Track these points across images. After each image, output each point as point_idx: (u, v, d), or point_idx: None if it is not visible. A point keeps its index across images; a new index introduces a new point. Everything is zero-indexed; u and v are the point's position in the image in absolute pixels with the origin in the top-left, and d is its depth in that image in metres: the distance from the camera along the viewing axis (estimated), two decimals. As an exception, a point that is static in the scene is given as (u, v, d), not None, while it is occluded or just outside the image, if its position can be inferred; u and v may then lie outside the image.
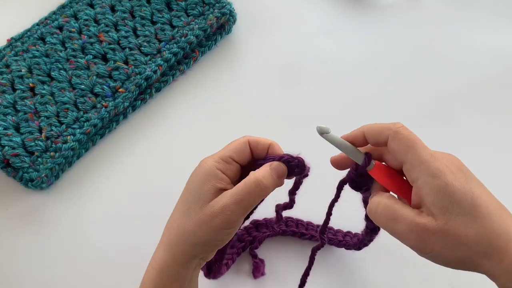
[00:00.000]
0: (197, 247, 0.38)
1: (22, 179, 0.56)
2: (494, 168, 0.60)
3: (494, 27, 0.69)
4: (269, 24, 0.68)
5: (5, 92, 0.59)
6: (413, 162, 0.35)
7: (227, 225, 0.37)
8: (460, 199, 0.33)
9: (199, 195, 0.39)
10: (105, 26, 0.63)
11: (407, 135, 0.36)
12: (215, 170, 0.39)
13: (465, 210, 0.33)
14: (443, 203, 0.33)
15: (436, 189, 0.34)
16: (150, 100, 0.63)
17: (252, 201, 0.38)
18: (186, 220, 0.39)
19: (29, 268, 0.54)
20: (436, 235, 0.33)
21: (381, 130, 0.37)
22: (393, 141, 0.36)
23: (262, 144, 0.40)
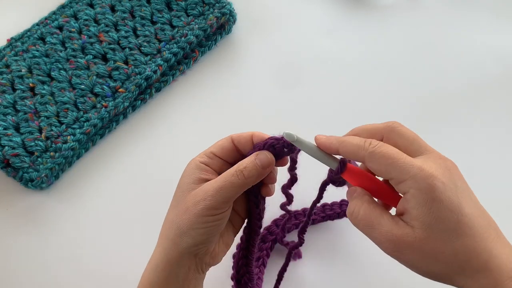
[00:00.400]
0: (184, 237, 0.38)
1: (22, 179, 0.56)
2: (494, 168, 0.60)
3: (494, 27, 0.69)
4: (269, 24, 0.68)
5: (5, 92, 0.59)
6: (398, 178, 0.34)
7: (209, 211, 0.38)
8: (445, 216, 0.32)
9: (184, 187, 0.40)
10: (105, 26, 0.63)
11: (385, 152, 0.34)
12: (198, 163, 0.40)
13: (448, 227, 0.32)
14: (427, 219, 0.33)
15: (422, 204, 0.33)
16: (150, 100, 0.63)
17: (234, 190, 0.38)
18: (173, 211, 0.40)
19: (29, 268, 0.54)
20: (413, 248, 0.33)
21: (356, 151, 0.36)
22: (371, 163, 0.35)
23: (245, 137, 0.41)
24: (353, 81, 0.65)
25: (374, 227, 0.35)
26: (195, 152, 0.59)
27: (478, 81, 0.65)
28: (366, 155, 0.35)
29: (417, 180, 0.33)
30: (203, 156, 0.41)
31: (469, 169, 0.59)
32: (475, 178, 0.58)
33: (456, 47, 0.67)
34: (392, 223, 0.34)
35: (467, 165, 0.59)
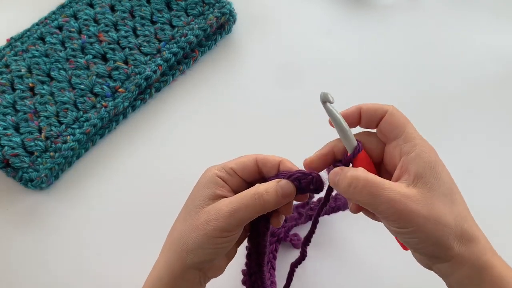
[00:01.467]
0: (191, 254, 0.37)
1: (21, 179, 0.56)
2: (494, 168, 0.60)
3: (494, 27, 0.69)
4: (269, 24, 0.68)
5: (4, 92, 0.59)
6: (409, 136, 0.36)
7: (220, 233, 0.36)
8: (445, 180, 0.35)
9: (197, 200, 0.38)
10: (105, 26, 0.63)
11: (403, 115, 0.38)
12: (215, 178, 0.38)
13: (447, 191, 0.35)
14: (431, 178, 0.34)
15: (428, 163, 0.35)
16: (150, 100, 0.63)
17: (249, 214, 0.37)
18: (182, 225, 0.38)
19: (28, 268, 0.54)
20: (418, 211, 0.33)
21: (379, 107, 0.38)
22: (392, 116, 0.37)
23: (271, 161, 0.39)
24: (353, 81, 0.65)
25: (378, 192, 0.34)
26: (195, 152, 0.59)
27: (478, 81, 0.65)
28: (390, 109, 0.37)
29: (423, 144, 0.36)
30: (221, 170, 0.39)
31: (469, 169, 0.59)
32: (475, 178, 0.59)
33: (456, 47, 0.67)
34: (395, 185, 0.34)
35: (467, 165, 0.59)
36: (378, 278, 0.54)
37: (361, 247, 0.55)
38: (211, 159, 0.43)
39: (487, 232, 0.37)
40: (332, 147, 0.39)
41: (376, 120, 0.38)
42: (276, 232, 0.54)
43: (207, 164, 0.41)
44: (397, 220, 0.34)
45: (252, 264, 0.43)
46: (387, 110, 0.37)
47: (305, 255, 0.44)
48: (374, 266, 0.54)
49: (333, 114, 0.37)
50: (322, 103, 0.37)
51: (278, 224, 0.41)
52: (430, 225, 0.33)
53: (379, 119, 0.38)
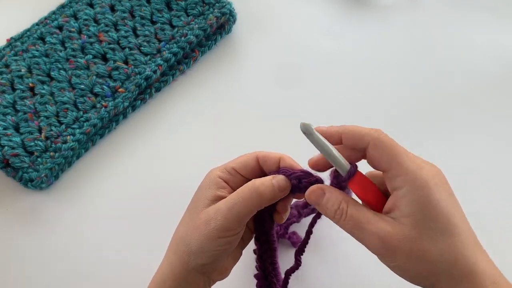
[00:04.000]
0: (192, 256, 0.37)
1: (21, 179, 0.56)
2: (494, 168, 0.60)
3: (494, 27, 0.69)
4: (269, 24, 0.68)
5: (4, 92, 0.59)
6: (397, 171, 0.33)
7: (221, 233, 0.36)
8: (437, 214, 0.33)
9: (199, 203, 0.38)
10: (104, 26, 0.63)
11: (390, 143, 0.34)
12: (217, 179, 0.38)
13: (438, 226, 0.33)
14: (418, 216, 0.33)
15: (417, 201, 0.33)
16: (150, 100, 0.63)
17: (246, 208, 0.36)
18: (184, 227, 0.38)
19: (28, 268, 0.54)
20: (402, 247, 0.33)
21: (361, 136, 0.35)
22: (374, 149, 0.34)
23: (272, 158, 0.39)
24: (353, 81, 0.65)
25: (363, 226, 0.34)
26: (195, 151, 0.59)
27: (478, 81, 0.65)
28: (372, 140, 0.34)
29: (415, 177, 0.33)
30: (223, 171, 0.39)
31: (468, 169, 0.59)
32: (474, 178, 0.59)
33: (456, 47, 0.67)
34: (381, 221, 0.34)
35: (467, 164, 0.59)
36: (376, 281, 0.54)
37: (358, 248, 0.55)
38: (211, 159, 0.43)
39: (487, 231, 0.37)
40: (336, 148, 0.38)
41: (360, 150, 0.36)
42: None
43: (207, 164, 0.41)
44: (380, 254, 0.34)
45: (265, 264, 0.43)
46: (368, 142, 0.34)
47: (299, 264, 0.43)
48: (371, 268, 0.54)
49: (319, 143, 0.36)
50: (305, 135, 0.36)
51: (281, 220, 0.41)
52: (412, 262, 0.33)
53: (363, 150, 0.35)
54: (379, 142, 0.34)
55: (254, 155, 0.39)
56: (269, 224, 0.41)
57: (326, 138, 0.36)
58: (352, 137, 0.36)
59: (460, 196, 0.58)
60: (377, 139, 0.34)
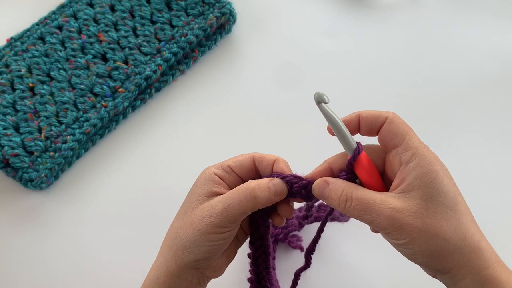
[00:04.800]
0: (186, 251, 0.37)
1: (21, 179, 0.56)
2: (494, 168, 0.60)
3: (494, 27, 0.69)
4: (269, 24, 0.68)
5: (4, 92, 0.59)
6: (408, 145, 0.35)
7: (214, 229, 0.36)
8: (446, 190, 0.34)
9: (194, 198, 0.38)
10: (104, 26, 0.63)
11: (404, 122, 0.36)
12: (212, 175, 0.39)
13: (447, 201, 0.33)
14: (428, 190, 0.33)
15: (427, 174, 0.33)
16: (150, 100, 0.63)
17: (241, 209, 0.37)
18: (178, 222, 0.38)
19: (28, 267, 0.54)
20: (413, 222, 0.33)
21: (379, 114, 0.37)
22: (391, 124, 0.36)
23: (267, 160, 0.39)
24: (353, 80, 0.65)
25: (371, 207, 0.34)
26: (195, 151, 0.59)
27: (478, 80, 0.65)
28: (390, 116, 0.36)
29: (425, 153, 0.34)
30: (219, 168, 0.39)
31: (468, 169, 0.59)
32: (474, 178, 0.59)
33: (456, 47, 0.67)
34: (389, 198, 0.34)
35: (467, 164, 0.59)
36: (378, 283, 0.54)
37: (362, 252, 0.55)
38: (211, 159, 0.43)
39: (487, 230, 0.37)
40: (329, 164, 0.38)
41: (376, 128, 0.37)
42: (273, 233, 0.54)
43: (207, 164, 0.41)
44: (391, 232, 0.34)
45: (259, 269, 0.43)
46: (386, 117, 0.36)
47: (309, 263, 0.43)
48: (373, 271, 0.54)
49: (329, 115, 0.36)
50: (317, 104, 0.36)
51: (281, 223, 0.41)
52: (424, 238, 0.33)
53: (379, 127, 0.37)
54: (396, 119, 0.36)
55: (251, 155, 0.39)
56: (264, 228, 0.41)
57: (345, 121, 0.37)
58: (371, 115, 0.37)
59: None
60: (394, 117, 0.36)
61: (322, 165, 0.39)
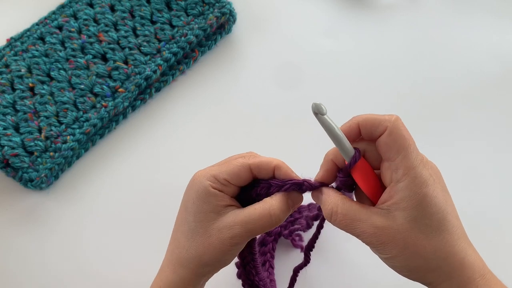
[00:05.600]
0: (207, 267, 0.38)
1: (21, 179, 0.56)
2: (494, 168, 0.60)
3: (494, 27, 0.69)
4: (269, 24, 0.68)
5: (4, 92, 0.59)
6: (401, 163, 0.34)
7: (236, 247, 0.37)
8: (432, 212, 0.33)
9: (201, 216, 0.37)
10: (104, 26, 0.63)
11: (404, 134, 0.34)
12: (211, 190, 0.37)
13: (432, 223, 0.33)
14: (414, 212, 0.33)
15: (414, 197, 0.33)
16: (150, 100, 0.63)
17: (263, 230, 0.38)
18: (192, 243, 0.38)
19: (28, 267, 0.54)
20: (395, 240, 0.34)
21: (379, 122, 0.35)
22: (389, 136, 0.34)
23: (266, 167, 0.38)
24: (353, 80, 0.65)
25: (355, 223, 0.35)
26: (195, 151, 0.59)
27: (478, 81, 0.65)
28: (390, 127, 0.34)
29: (416, 173, 0.33)
30: (215, 181, 0.38)
31: (468, 169, 0.59)
32: (474, 178, 0.59)
33: (456, 47, 0.67)
34: (373, 215, 0.34)
35: (467, 164, 0.59)
36: (378, 280, 0.54)
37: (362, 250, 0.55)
38: (211, 159, 0.43)
39: (487, 231, 0.37)
40: (331, 160, 0.38)
41: (376, 137, 0.36)
42: (273, 232, 0.54)
43: (207, 163, 0.41)
44: (375, 247, 0.35)
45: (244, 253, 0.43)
46: (386, 127, 0.35)
47: (308, 260, 0.44)
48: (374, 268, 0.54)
49: (326, 124, 0.36)
50: (314, 115, 0.36)
51: None
52: (405, 255, 0.34)
53: (378, 136, 0.35)
54: (395, 130, 0.34)
55: (246, 165, 0.38)
56: None
57: (344, 130, 0.36)
58: (371, 123, 0.35)
59: (460, 196, 0.58)
60: (394, 127, 0.34)
61: (324, 165, 0.38)
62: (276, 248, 0.55)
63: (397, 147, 0.34)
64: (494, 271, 0.36)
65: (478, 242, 0.37)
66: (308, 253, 0.43)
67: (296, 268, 0.45)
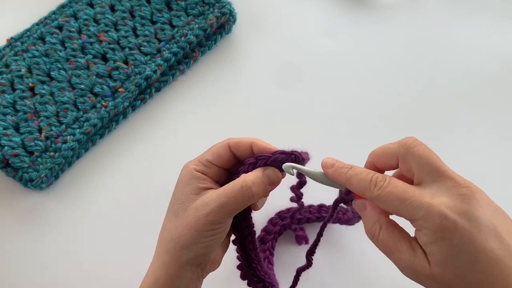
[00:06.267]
0: (186, 251, 0.37)
1: (21, 179, 0.56)
2: (494, 168, 0.60)
3: (494, 27, 0.69)
4: (269, 24, 0.68)
5: (4, 92, 0.59)
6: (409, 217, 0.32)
7: (211, 227, 0.37)
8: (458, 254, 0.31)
9: (182, 198, 0.38)
10: (104, 26, 0.63)
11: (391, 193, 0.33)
12: (194, 172, 0.38)
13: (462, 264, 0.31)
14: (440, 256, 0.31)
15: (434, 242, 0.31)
16: (150, 100, 0.63)
17: (238, 206, 0.37)
18: (172, 224, 0.38)
19: (28, 268, 0.54)
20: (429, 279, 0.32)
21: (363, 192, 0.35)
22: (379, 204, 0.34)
23: (243, 144, 0.39)
24: (353, 80, 0.65)
25: (394, 253, 0.34)
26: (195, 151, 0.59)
27: (478, 81, 0.65)
28: (373, 197, 0.34)
29: (427, 220, 0.31)
30: (198, 164, 0.39)
31: (468, 169, 0.59)
32: (474, 178, 0.59)
33: (456, 47, 0.67)
34: (410, 252, 0.33)
35: (467, 164, 0.59)
36: (381, 282, 0.54)
37: (364, 251, 0.55)
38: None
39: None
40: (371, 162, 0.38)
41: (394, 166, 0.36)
42: (272, 230, 0.54)
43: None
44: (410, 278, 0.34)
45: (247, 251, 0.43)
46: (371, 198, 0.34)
47: (310, 264, 0.44)
48: (376, 270, 0.54)
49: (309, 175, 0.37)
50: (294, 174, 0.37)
51: (256, 208, 0.41)
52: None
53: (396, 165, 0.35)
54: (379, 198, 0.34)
55: (225, 143, 0.39)
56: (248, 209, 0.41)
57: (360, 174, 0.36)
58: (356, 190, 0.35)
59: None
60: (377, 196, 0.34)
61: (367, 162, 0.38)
62: (276, 247, 0.55)
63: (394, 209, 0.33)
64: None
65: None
66: (310, 257, 0.43)
67: (299, 269, 0.45)
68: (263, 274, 0.44)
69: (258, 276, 0.44)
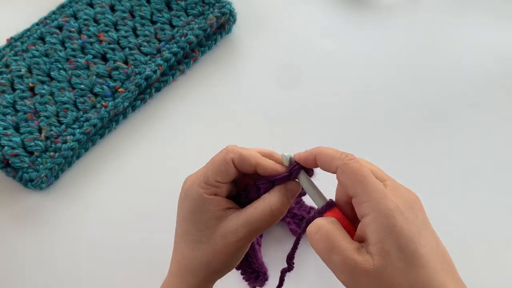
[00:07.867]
0: (216, 274, 0.39)
1: (21, 179, 0.56)
2: (494, 168, 0.60)
3: (494, 27, 0.69)
4: (269, 24, 0.68)
5: (4, 92, 0.59)
6: (362, 197, 0.33)
7: (242, 250, 0.38)
8: (403, 244, 0.31)
9: (203, 226, 0.38)
10: (104, 26, 0.63)
11: (356, 168, 0.34)
12: (206, 197, 0.37)
13: (406, 256, 0.31)
14: (385, 245, 0.31)
15: (382, 228, 0.32)
16: (150, 100, 0.63)
17: (268, 227, 0.38)
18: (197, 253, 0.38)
19: (28, 268, 0.54)
20: (369, 277, 0.32)
21: (331, 160, 0.35)
22: (342, 174, 0.34)
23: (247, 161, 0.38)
24: (353, 81, 0.65)
25: (334, 249, 0.33)
26: (195, 151, 0.59)
27: (478, 81, 0.65)
28: (340, 165, 0.34)
29: (379, 204, 0.32)
30: (206, 187, 0.38)
31: (468, 169, 0.59)
32: (474, 178, 0.59)
33: (456, 47, 0.67)
34: (353, 247, 0.33)
35: (467, 164, 0.59)
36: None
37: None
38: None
39: (487, 230, 0.37)
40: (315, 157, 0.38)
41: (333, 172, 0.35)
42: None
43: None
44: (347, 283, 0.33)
45: None
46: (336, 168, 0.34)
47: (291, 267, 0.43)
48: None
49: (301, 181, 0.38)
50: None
51: None
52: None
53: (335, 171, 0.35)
54: (346, 168, 0.34)
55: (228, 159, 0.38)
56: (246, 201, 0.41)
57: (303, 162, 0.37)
58: (324, 161, 0.36)
59: (460, 196, 0.58)
60: (344, 165, 0.34)
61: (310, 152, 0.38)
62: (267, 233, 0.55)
63: (352, 183, 0.33)
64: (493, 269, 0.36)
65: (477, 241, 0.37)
66: (290, 261, 0.43)
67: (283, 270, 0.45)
68: (258, 266, 0.45)
69: (253, 268, 0.45)
